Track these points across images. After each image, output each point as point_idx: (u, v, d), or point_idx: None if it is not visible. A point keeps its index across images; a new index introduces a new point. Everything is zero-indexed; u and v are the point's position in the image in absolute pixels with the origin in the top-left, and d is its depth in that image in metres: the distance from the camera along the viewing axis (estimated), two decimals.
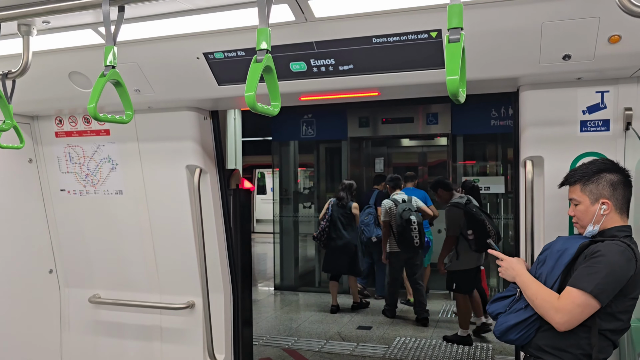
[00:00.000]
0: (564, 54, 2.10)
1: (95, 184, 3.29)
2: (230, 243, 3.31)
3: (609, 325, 1.99)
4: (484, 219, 5.35)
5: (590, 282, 1.91)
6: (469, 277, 5.58)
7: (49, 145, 3.35)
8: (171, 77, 2.62)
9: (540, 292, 2.04)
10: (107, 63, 1.72)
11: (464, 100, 1.28)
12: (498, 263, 2.28)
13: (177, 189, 3.09)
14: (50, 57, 2.59)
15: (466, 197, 5.58)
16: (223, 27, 2.24)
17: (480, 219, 5.34)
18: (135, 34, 2.34)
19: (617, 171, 2.09)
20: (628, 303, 2.00)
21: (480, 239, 5.27)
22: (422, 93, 2.62)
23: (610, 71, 2.21)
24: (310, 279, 8.79)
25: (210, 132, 3.15)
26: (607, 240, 1.99)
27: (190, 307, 3.19)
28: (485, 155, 8.27)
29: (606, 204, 2.06)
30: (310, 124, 8.25)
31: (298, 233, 8.94)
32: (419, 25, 2.08)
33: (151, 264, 3.26)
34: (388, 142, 9.90)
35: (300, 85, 2.47)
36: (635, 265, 1.95)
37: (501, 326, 2.16)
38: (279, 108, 1.50)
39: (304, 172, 10.03)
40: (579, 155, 2.37)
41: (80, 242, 3.42)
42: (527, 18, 1.99)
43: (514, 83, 2.46)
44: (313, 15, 2.09)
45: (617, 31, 1.97)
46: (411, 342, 5.87)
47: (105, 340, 3.46)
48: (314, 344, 5.85)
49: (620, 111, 2.31)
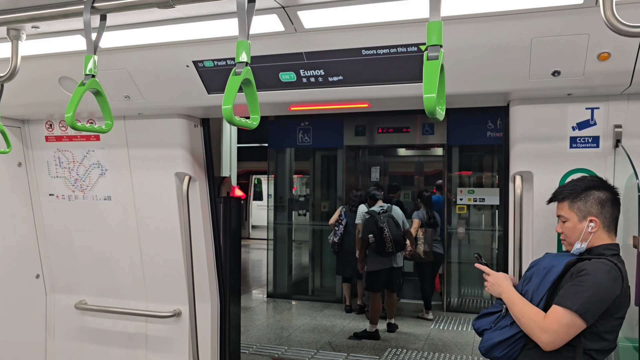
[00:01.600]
0: (554, 70, 2.09)
1: (84, 189, 3.26)
2: (219, 251, 3.29)
3: (595, 345, 1.97)
4: (383, 227, 6.00)
5: (576, 301, 1.89)
6: (377, 277, 6.28)
7: (39, 150, 3.33)
8: (161, 85, 2.60)
9: (526, 310, 2.02)
10: (87, 72, 1.71)
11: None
12: (485, 277, 2.26)
13: (165, 196, 3.07)
14: (40, 62, 2.58)
15: (386, 207, 6.24)
16: (213, 35, 2.23)
17: (380, 226, 6.00)
18: (125, 40, 2.33)
19: (605, 189, 2.08)
20: (614, 323, 1.98)
21: (379, 244, 6.03)
22: (412, 105, 2.60)
23: (600, 88, 2.21)
24: (304, 287, 8.75)
25: (200, 139, 3.13)
26: (594, 259, 1.98)
27: (177, 315, 3.16)
28: (481, 166, 8.27)
29: (594, 221, 2.04)
30: (307, 131, 8.25)
31: (292, 240, 8.91)
32: (408, 38, 2.07)
33: (138, 271, 3.23)
34: (384, 151, 9.90)
35: (290, 95, 2.45)
36: (621, 285, 1.94)
37: (486, 343, 2.14)
38: (258, 121, 1.48)
39: (300, 179, 10.01)
40: (568, 171, 2.36)
41: (67, 248, 3.39)
42: (517, 33, 1.98)
43: (504, 98, 2.45)
44: (302, 26, 2.08)
45: (606, 48, 1.96)
46: (402, 353, 5.83)
47: (91, 347, 3.42)
48: (304, 353, 5.81)
49: (610, 128, 2.30)
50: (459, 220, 7.68)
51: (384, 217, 6.10)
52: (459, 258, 7.79)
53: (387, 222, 6.02)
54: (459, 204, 7.57)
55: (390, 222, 6.06)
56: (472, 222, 7.85)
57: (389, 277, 6.31)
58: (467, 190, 7.57)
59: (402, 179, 10.23)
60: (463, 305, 7.73)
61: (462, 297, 7.83)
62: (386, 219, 6.06)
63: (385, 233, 5.99)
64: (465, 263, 7.82)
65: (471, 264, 7.67)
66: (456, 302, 7.73)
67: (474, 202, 7.52)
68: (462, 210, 7.69)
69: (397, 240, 6.06)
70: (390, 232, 6.02)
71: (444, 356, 5.73)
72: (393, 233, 6.04)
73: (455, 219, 7.68)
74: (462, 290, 7.87)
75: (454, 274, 7.77)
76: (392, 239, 6.04)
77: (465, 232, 7.68)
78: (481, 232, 7.91)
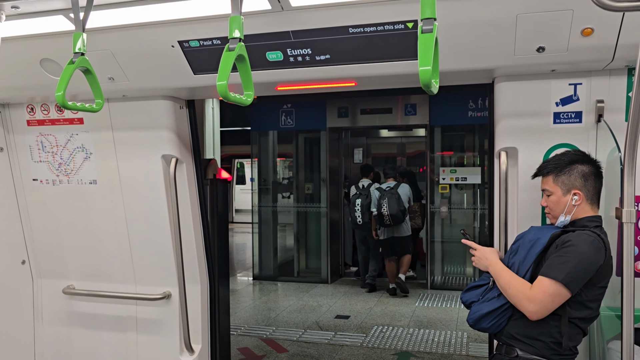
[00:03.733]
0: (538, 46, 2.12)
1: (68, 174, 3.23)
2: (207, 233, 3.29)
3: (579, 314, 2.04)
4: (382, 203, 6.99)
5: (561, 272, 1.95)
6: (382, 244, 7.43)
7: (20, 134, 3.28)
8: (146, 66, 2.57)
9: (512, 282, 2.07)
10: (76, 50, 1.69)
11: (439, 91, 1.28)
12: (471, 252, 2.31)
13: (152, 179, 3.05)
14: (20, 44, 2.53)
15: (393, 184, 7.21)
16: (198, 14, 2.21)
17: (380, 202, 7.03)
18: (109, 20, 2.30)
19: (588, 162, 2.13)
20: (597, 292, 2.05)
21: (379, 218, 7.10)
22: (400, 84, 2.62)
23: (583, 63, 2.24)
24: (289, 268, 8.80)
25: (186, 121, 3.11)
26: (578, 230, 2.03)
27: (167, 297, 3.17)
28: (463, 146, 8.35)
29: (578, 194, 2.10)
30: (290, 114, 8.22)
31: (277, 223, 8.93)
32: (396, 15, 2.08)
33: (126, 255, 3.22)
34: (367, 132, 9.91)
35: (277, 75, 2.45)
36: (604, 255, 2.00)
37: (474, 314, 2.19)
38: (252, 98, 1.48)
39: (283, 162, 10.00)
40: (552, 146, 2.41)
41: (53, 233, 3.36)
42: (502, 10, 2.00)
43: (489, 75, 2.48)
44: (289, 4, 2.07)
45: (590, 24, 1.99)
46: (388, 330, 5.93)
47: (80, 331, 3.42)
48: (292, 333, 5.87)
49: (592, 103, 2.34)
50: (441, 199, 7.77)
51: (386, 194, 7.02)
52: (442, 237, 7.89)
53: (388, 199, 6.94)
54: (441, 183, 7.65)
55: (392, 198, 6.95)
56: (454, 201, 7.94)
57: (391, 245, 7.28)
58: (449, 169, 7.64)
59: (384, 161, 10.29)
60: (446, 283, 7.87)
61: (445, 275, 7.95)
62: (387, 195, 6.99)
63: (384, 208, 6.91)
64: (448, 242, 7.93)
65: (454, 243, 7.84)
66: (440, 280, 7.86)
67: (456, 182, 7.60)
68: (445, 190, 7.78)
69: (394, 215, 6.92)
70: (389, 208, 6.89)
71: (429, 332, 5.85)
72: (392, 208, 6.89)
73: (438, 198, 7.76)
74: (445, 269, 8.00)
75: (437, 252, 7.88)
76: (390, 214, 6.91)
77: (447, 211, 7.79)
78: (463, 210, 8.01)
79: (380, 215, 7.03)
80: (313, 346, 5.47)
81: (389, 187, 7.16)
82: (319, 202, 8.42)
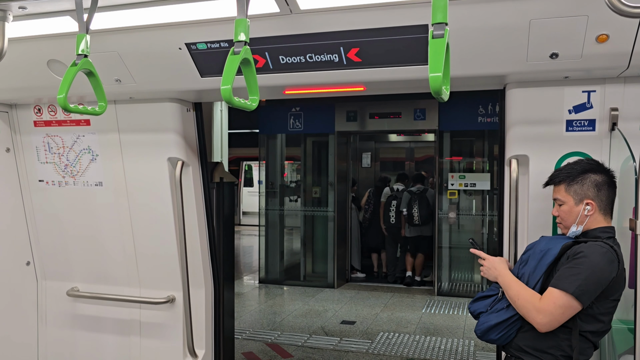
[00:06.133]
0: (552, 52, 2.07)
1: (74, 175, 3.21)
2: (213, 237, 3.27)
3: (590, 327, 1.99)
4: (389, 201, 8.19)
5: (572, 283, 1.90)
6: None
7: (27, 135, 3.27)
8: (153, 68, 2.55)
9: (522, 293, 2.03)
10: (79, 52, 1.66)
11: (450, 97, 1.24)
12: (480, 262, 2.27)
13: (158, 182, 3.03)
14: (27, 44, 2.52)
15: (415, 188, 7.94)
16: (206, 17, 2.19)
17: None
18: (116, 22, 2.28)
19: (601, 172, 2.08)
20: (609, 305, 2.00)
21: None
22: (409, 89, 2.58)
23: (597, 71, 2.20)
24: (296, 272, 8.76)
25: (193, 124, 3.09)
26: (590, 242, 1.98)
27: (171, 301, 3.14)
28: (472, 151, 8.28)
29: (590, 204, 2.05)
30: (298, 117, 8.20)
31: (284, 226, 8.90)
32: (407, 20, 2.04)
33: (131, 258, 3.20)
34: (376, 137, 9.87)
35: (285, 78, 2.42)
36: (617, 267, 1.95)
37: (482, 326, 2.14)
38: (257, 102, 1.45)
39: (291, 165, 9.98)
40: (564, 154, 2.36)
41: (58, 234, 3.34)
42: (515, 15, 1.96)
43: (501, 81, 2.43)
44: (298, 7, 2.04)
45: (605, 30, 1.95)
46: (394, 337, 5.87)
47: (84, 334, 3.40)
48: (297, 338, 5.83)
49: (606, 111, 2.29)
50: (449, 205, 7.71)
51: (417, 197, 7.86)
52: (449, 243, 7.83)
53: (419, 201, 7.79)
54: (450, 189, 7.59)
55: (423, 201, 7.83)
56: (462, 207, 7.88)
57: (416, 243, 8.12)
58: (458, 175, 7.58)
59: (392, 165, 10.24)
60: (454, 289, 7.79)
61: (452, 281, 7.88)
62: (418, 197, 7.86)
63: (414, 210, 7.85)
64: (456, 248, 7.86)
65: (462, 249, 7.77)
66: (447, 287, 7.79)
67: (464, 188, 7.54)
68: (453, 196, 7.72)
69: (424, 216, 7.79)
70: (419, 209, 7.80)
71: (436, 339, 5.78)
72: (422, 210, 7.78)
73: (447, 204, 7.70)
74: (453, 275, 7.93)
75: (444, 258, 7.81)
76: (419, 215, 7.80)
77: (456, 217, 7.72)
78: (472, 217, 7.94)
79: (410, 216, 7.81)
80: (318, 352, 5.42)
81: (419, 190, 7.92)
82: (327, 206, 8.39)
